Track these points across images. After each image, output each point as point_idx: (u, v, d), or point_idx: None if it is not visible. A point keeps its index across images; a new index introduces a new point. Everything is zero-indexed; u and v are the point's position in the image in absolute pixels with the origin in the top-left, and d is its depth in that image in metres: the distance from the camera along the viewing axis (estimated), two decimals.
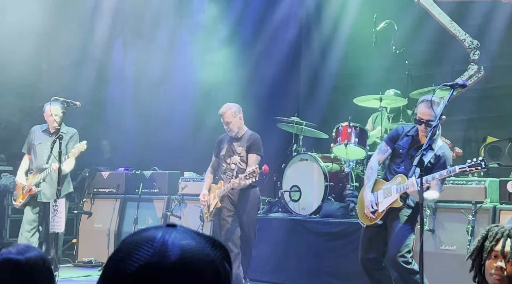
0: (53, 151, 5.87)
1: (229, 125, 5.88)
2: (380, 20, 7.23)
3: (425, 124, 4.46)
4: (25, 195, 6.17)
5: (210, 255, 0.90)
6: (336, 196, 6.52)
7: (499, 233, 2.44)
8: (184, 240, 0.90)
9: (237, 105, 6.00)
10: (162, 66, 9.03)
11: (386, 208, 4.57)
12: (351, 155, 6.46)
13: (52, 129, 6.27)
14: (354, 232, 5.96)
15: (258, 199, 5.98)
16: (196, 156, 8.69)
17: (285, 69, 9.38)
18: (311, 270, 6.14)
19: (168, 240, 0.90)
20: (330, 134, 6.85)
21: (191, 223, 7.02)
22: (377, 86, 7.24)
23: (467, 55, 7.88)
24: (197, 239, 0.92)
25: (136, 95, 8.98)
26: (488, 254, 2.42)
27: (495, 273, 2.37)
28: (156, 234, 0.91)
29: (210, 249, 0.91)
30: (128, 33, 9.13)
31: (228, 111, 5.91)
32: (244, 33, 9.37)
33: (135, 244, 0.91)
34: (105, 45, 8.85)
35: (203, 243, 0.91)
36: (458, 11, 7.99)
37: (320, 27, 9.29)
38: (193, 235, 0.92)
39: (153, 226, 0.96)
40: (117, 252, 0.93)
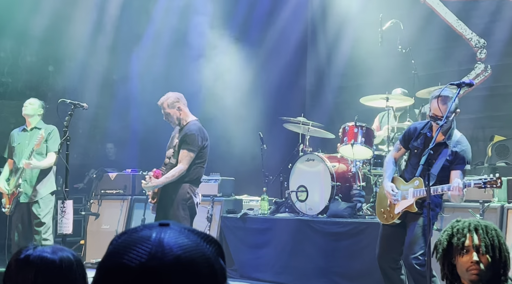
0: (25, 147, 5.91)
1: (168, 117, 5.42)
2: (386, 19, 7.22)
3: (441, 120, 4.32)
4: (10, 199, 6.11)
5: (206, 252, 0.90)
6: (343, 195, 6.52)
7: (465, 228, 2.43)
8: (179, 238, 0.90)
9: (177, 94, 5.48)
10: (168, 67, 9.04)
11: (402, 211, 4.50)
12: (357, 155, 6.46)
13: (28, 125, 6.26)
14: (362, 232, 5.96)
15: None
16: None
17: (291, 70, 9.39)
18: (319, 270, 6.13)
19: (164, 239, 0.89)
20: (336, 134, 6.84)
21: (198, 224, 7.02)
22: (383, 86, 7.22)
23: (474, 54, 7.85)
24: (192, 237, 0.91)
25: (142, 96, 9.00)
26: (459, 251, 2.40)
27: (472, 268, 2.35)
28: (150, 234, 0.90)
29: (205, 246, 0.91)
30: (134, 33, 9.15)
31: (165, 102, 5.40)
32: (250, 34, 9.38)
33: (129, 245, 0.89)
34: (111, 47, 8.88)
35: (197, 240, 0.91)
36: (465, 10, 7.97)
37: (326, 27, 9.29)
38: (187, 233, 0.92)
39: (145, 225, 0.94)
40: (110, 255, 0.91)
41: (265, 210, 6.89)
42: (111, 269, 0.88)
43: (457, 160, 4.40)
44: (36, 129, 6.22)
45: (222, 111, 8.95)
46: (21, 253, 1.77)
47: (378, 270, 5.74)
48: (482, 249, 2.34)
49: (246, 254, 6.72)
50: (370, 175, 6.59)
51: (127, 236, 0.91)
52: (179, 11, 9.17)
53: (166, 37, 9.13)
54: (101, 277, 0.89)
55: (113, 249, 0.90)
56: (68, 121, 5.18)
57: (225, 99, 8.99)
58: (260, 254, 6.61)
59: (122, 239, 0.91)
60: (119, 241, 0.91)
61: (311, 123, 6.99)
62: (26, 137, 6.22)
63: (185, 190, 5.28)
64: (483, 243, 2.35)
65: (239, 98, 8.95)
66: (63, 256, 1.77)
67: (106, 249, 0.94)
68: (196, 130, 5.34)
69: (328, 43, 9.26)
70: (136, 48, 9.19)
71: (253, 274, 6.59)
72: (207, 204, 7.06)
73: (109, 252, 0.91)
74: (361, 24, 8.62)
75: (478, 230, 2.39)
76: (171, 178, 5.25)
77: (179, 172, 5.24)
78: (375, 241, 5.85)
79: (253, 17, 9.37)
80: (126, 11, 8.86)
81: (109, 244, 0.94)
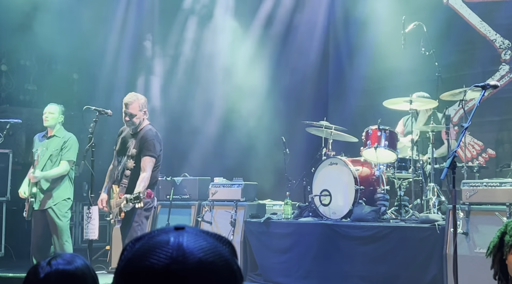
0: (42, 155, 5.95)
1: (132, 119, 5.17)
2: (408, 22, 7.17)
3: None
4: (27, 205, 6.20)
5: (224, 253, 0.90)
6: (367, 199, 6.48)
7: None
8: (197, 241, 0.90)
9: (145, 98, 5.35)
10: (190, 73, 9.10)
11: None
12: (381, 158, 6.42)
13: (49, 133, 6.29)
14: (386, 236, 5.92)
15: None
16: (226, 161, 8.74)
17: (313, 73, 9.37)
18: (343, 274, 6.10)
19: (183, 243, 0.89)
20: (359, 138, 6.82)
21: (222, 229, 7.06)
22: (406, 88, 7.17)
23: (498, 55, 7.76)
24: (208, 239, 0.91)
25: (165, 103, 9.07)
26: (510, 248, 2.38)
27: None
28: (168, 238, 0.90)
29: (222, 247, 0.91)
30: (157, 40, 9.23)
31: (135, 103, 5.19)
32: (272, 38, 9.40)
33: (149, 250, 0.89)
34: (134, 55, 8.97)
35: (214, 243, 0.91)
36: (488, 11, 7.88)
37: (348, 30, 9.26)
38: (203, 236, 0.92)
39: (160, 230, 0.94)
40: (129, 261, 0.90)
41: (288, 214, 6.89)
42: (133, 274, 0.88)
43: None
44: (56, 137, 6.27)
45: (245, 116, 8.97)
46: (39, 273, 1.78)
47: (403, 274, 5.73)
48: None
49: (270, 259, 6.72)
50: (394, 179, 6.54)
51: (144, 242, 0.91)
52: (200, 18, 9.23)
53: (188, 45, 9.18)
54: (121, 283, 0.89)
55: (132, 255, 0.90)
56: (93, 128, 5.24)
57: (247, 104, 9.01)
58: (284, 258, 6.61)
59: (140, 245, 0.91)
60: (136, 247, 0.91)
61: (333, 127, 6.97)
62: (44, 145, 6.27)
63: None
64: None
65: (261, 103, 8.97)
66: (78, 265, 1.79)
67: (121, 256, 0.94)
68: (154, 136, 5.20)
69: (350, 46, 9.23)
70: (159, 55, 9.26)
71: (277, 279, 6.59)
72: (231, 208, 7.09)
73: (128, 258, 0.90)
74: (384, 27, 8.57)
75: None
76: (145, 186, 5.04)
77: (147, 180, 5.09)
78: (399, 245, 5.82)
79: (274, 22, 9.39)
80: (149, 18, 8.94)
81: (123, 250, 0.93)
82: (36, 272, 1.77)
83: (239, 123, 8.98)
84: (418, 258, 5.69)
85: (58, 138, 6.24)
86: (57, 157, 6.18)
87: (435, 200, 6.06)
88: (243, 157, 8.89)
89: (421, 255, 5.67)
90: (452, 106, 7.69)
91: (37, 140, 6.38)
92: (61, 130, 6.32)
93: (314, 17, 9.34)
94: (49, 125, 6.27)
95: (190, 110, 9.06)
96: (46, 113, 6.28)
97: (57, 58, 8.32)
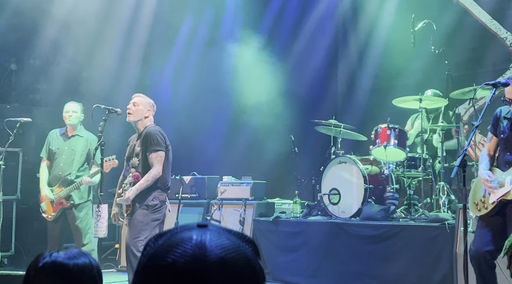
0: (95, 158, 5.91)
1: (134, 106, 5.21)
2: (418, 20, 7.13)
3: None
4: (56, 208, 6.14)
5: (246, 252, 0.90)
6: (376, 198, 6.46)
7: None
8: (220, 240, 0.90)
9: (153, 102, 5.39)
10: (199, 73, 9.11)
11: (497, 200, 4.17)
12: (390, 157, 6.39)
13: (70, 132, 6.27)
14: (395, 234, 5.90)
15: None
16: (234, 160, 8.74)
17: (322, 72, 9.36)
18: (352, 273, 6.09)
19: (205, 241, 0.89)
20: (369, 137, 6.79)
21: (231, 227, 7.03)
22: (416, 87, 7.14)
23: (509, 53, 7.71)
24: (231, 238, 0.91)
25: (174, 101, 9.08)
26: None
27: None
28: (191, 235, 0.90)
29: (244, 246, 0.91)
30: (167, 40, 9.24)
31: (142, 98, 5.31)
32: (281, 37, 9.39)
33: (171, 246, 0.89)
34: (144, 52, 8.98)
35: (237, 241, 0.91)
36: (499, 9, 7.84)
37: (357, 29, 9.24)
38: (226, 234, 0.92)
39: (183, 227, 0.93)
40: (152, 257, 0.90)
41: (297, 213, 6.88)
42: (155, 270, 0.88)
43: None
44: (78, 136, 6.26)
45: (254, 115, 8.97)
46: (38, 262, 1.80)
47: (413, 273, 5.70)
48: None
49: (279, 257, 6.71)
50: (404, 177, 6.52)
51: (166, 238, 0.91)
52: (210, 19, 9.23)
53: (197, 44, 9.19)
54: (142, 280, 0.89)
55: (154, 251, 0.90)
56: (102, 127, 5.24)
57: (256, 103, 9.01)
58: (293, 257, 6.60)
59: (162, 241, 0.91)
60: (159, 243, 0.91)
61: (343, 126, 6.95)
62: (68, 145, 6.25)
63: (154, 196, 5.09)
64: None
65: (270, 102, 8.96)
66: (78, 262, 1.79)
67: (143, 252, 0.94)
68: (156, 131, 5.15)
69: (359, 45, 9.21)
70: (169, 54, 9.27)
71: (286, 278, 6.58)
72: (240, 207, 7.09)
73: (150, 254, 0.90)
74: (393, 25, 8.55)
75: None
76: (145, 183, 5.02)
77: (154, 176, 5.03)
78: (409, 244, 5.80)
79: (283, 20, 9.39)
80: (158, 16, 8.95)
81: (146, 246, 0.93)
82: (36, 261, 1.80)
83: (248, 122, 8.98)
84: (428, 257, 5.66)
85: (82, 138, 6.24)
86: (86, 157, 6.19)
87: (445, 199, 6.03)
88: (252, 156, 8.89)
89: (431, 254, 5.65)
90: (462, 105, 7.65)
91: (55, 137, 6.33)
92: (82, 130, 6.33)
93: (323, 16, 9.32)
94: (72, 123, 6.25)
95: (199, 109, 9.06)
96: (69, 112, 6.25)
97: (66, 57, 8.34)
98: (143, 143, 5.14)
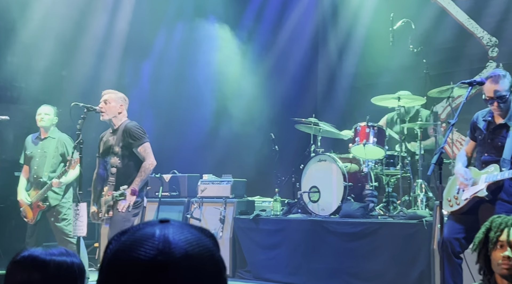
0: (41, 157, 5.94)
1: (105, 104, 5.22)
2: (397, 19, 7.20)
3: (497, 101, 4.15)
4: (34, 211, 6.14)
5: (208, 245, 0.91)
6: (355, 196, 6.51)
7: (503, 223, 2.45)
8: (183, 234, 0.91)
9: (125, 96, 5.39)
10: (179, 69, 9.08)
11: (470, 197, 4.21)
12: (369, 155, 6.45)
13: (43, 135, 6.29)
14: (374, 232, 5.95)
15: None
16: (214, 158, 8.74)
17: (302, 70, 9.40)
18: (332, 270, 6.13)
19: (169, 236, 0.89)
20: None
21: (211, 225, 7.06)
22: (395, 85, 7.21)
23: (486, 52, 7.82)
24: (193, 232, 0.92)
25: (154, 99, 9.04)
26: (494, 245, 2.42)
27: (503, 262, 2.37)
28: (154, 231, 0.90)
29: (206, 239, 0.92)
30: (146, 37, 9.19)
31: (112, 94, 5.30)
32: (260, 35, 9.40)
33: (135, 242, 0.89)
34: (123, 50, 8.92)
35: (199, 235, 0.92)
36: (476, 9, 7.94)
37: (337, 27, 9.29)
38: (188, 228, 0.93)
39: (146, 223, 0.94)
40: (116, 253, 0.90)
41: (277, 211, 6.90)
42: (121, 265, 0.88)
43: None
44: (51, 138, 6.27)
45: (234, 113, 8.98)
46: (18, 255, 1.80)
47: (391, 270, 5.76)
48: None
49: (259, 255, 6.73)
50: (383, 175, 6.58)
51: (130, 234, 0.92)
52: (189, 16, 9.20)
53: (177, 41, 9.16)
54: (108, 275, 0.90)
55: (118, 248, 0.91)
56: (81, 125, 5.21)
57: (236, 101, 9.02)
58: (273, 255, 6.63)
59: (126, 238, 0.91)
60: (122, 239, 0.91)
61: (322, 124, 6.99)
62: (40, 147, 6.25)
63: None
64: None
65: (250, 100, 8.97)
66: (56, 259, 1.78)
67: (106, 249, 0.93)
68: (134, 125, 5.21)
69: (339, 43, 9.27)
70: (147, 52, 9.23)
71: (266, 275, 6.61)
72: (220, 205, 7.09)
73: (114, 251, 0.91)
74: (372, 24, 8.61)
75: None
76: (144, 176, 5.11)
77: (148, 169, 5.12)
78: (388, 241, 5.86)
79: (263, 18, 9.40)
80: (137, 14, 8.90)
81: (108, 244, 0.94)
82: (16, 255, 1.80)
83: (228, 120, 8.98)
84: (406, 253, 5.73)
85: (53, 140, 6.25)
86: (57, 158, 6.19)
87: (423, 196, 6.10)
88: (232, 154, 8.89)
89: (409, 251, 5.71)
90: (439, 103, 7.74)
91: (30, 142, 6.36)
92: (55, 131, 6.32)
93: (303, 15, 9.36)
94: (44, 126, 6.27)
95: (179, 107, 9.04)
96: (41, 114, 6.26)
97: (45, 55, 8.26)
98: (123, 140, 5.16)
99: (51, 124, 6.29)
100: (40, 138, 6.32)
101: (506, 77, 4.18)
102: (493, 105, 4.22)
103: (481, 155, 4.33)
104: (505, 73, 4.23)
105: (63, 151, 6.19)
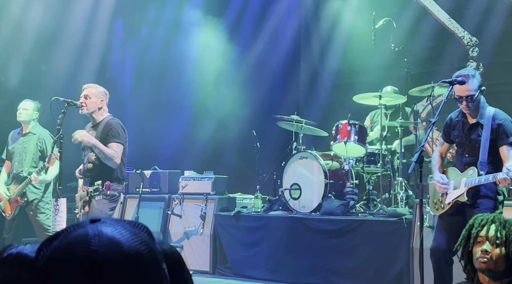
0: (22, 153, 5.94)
1: (86, 99, 5.20)
2: (379, 18, 7.24)
3: (466, 100, 4.20)
4: (12, 206, 6.13)
5: (144, 238, 0.89)
6: (336, 193, 6.54)
7: (484, 219, 2.49)
8: (117, 230, 0.88)
9: (105, 90, 5.38)
10: (161, 65, 9.04)
11: (452, 201, 4.25)
12: (350, 153, 6.48)
13: (24, 130, 6.27)
14: (354, 229, 5.99)
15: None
16: (196, 154, 8.72)
17: (284, 68, 9.41)
18: (312, 267, 6.16)
19: (102, 232, 0.87)
20: (329, 132, 6.87)
21: (192, 222, 7.05)
22: (376, 84, 7.25)
23: (466, 52, 7.89)
24: (127, 226, 0.90)
25: (136, 95, 8.98)
26: (474, 241, 2.45)
27: (481, 256, 2.41)
28: (86, 231, 0.88)
29: (141, 233, 0.90)
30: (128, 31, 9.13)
31: (93, 88, 5.28)
32: (243, 32, 9.39)
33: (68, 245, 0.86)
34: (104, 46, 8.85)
35: (133, 229, 0.90)
36: (457, 8, 8.01)
37: (319, 25, 9.31)
38: (121, 223, 0.91)
39: (75, 225, 0.91)
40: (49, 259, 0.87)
41: (258, 208, 6.91)
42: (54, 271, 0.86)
43: (498, 135, 4.18)
44: (31, 134, 6.23)
45: (215, 109, 8.96)
46: (4, 252, 1.78)
47: (371, 267, 5.81)
48: (493, 240, 2.39)
49: (239, 252, 6.73)
50: (363, 173, 6.62)
51: (61, 239, 0.89)
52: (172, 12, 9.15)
53: (159, 37, 9.10)
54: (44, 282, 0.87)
55: (51, 253, 0.88)
56: (61, 120, 5.16)
57: (218, 98, 9.00)
58: (254, 251, 6.63)
59: (58, 242, 0.88)
60: (54, 244, 0.88)
61: (304, 122, 7.00)
62: (21, 143, 6.22)
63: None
64: (496, 234, 2.40)
65: (232, 97, 8.96)
66: None
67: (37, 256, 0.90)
68: (117, 124, 5.23)
69: (321, 42, 9.29)
70: (130, 46, 9.17)
71: (246, 272, 6.61)
72: (201, 202, 7.08)
73: (47, 256, 0.88)
74: (354, 22, 8.65)
75: (496, 222, 2.44)
76: (104, 150, 5.06)
77: (112, 154, 5.07)
78: (368, 239, 5.90)
79: (245, 16, 9.38)
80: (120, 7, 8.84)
81: (39, 250, 0.90)
82: (2, 251, 1.77)
83: (209, 117, 8.96)
84: (385, 251, 5.77)
85: (34, 136, 6.21)
86: (37, 154, 6.17)
87: (403, 194, 6.15)
88: (214, 151, 8.88)
89: (389, 248, 5.75)
90: (420, 102, 7.80)
91: (12, 137, 6.34)
92: (36, 127, 6.28)
93: (285, 13, 9.37)
94: (22, 120, 6.24)
95: (160, 103, 8.99)
96: (20, 109, 6.24)
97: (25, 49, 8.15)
98: (102, 135, 5.15)
99: (30, 119, 6.24)
100: (21, 133, 6.30)
101: (475, 77, 4.24)
102: (462, 104, 4.27)
103: (462, 157, 4.37)
104: (474, 73, 4.28)
105: (42, 147, 6.17)
